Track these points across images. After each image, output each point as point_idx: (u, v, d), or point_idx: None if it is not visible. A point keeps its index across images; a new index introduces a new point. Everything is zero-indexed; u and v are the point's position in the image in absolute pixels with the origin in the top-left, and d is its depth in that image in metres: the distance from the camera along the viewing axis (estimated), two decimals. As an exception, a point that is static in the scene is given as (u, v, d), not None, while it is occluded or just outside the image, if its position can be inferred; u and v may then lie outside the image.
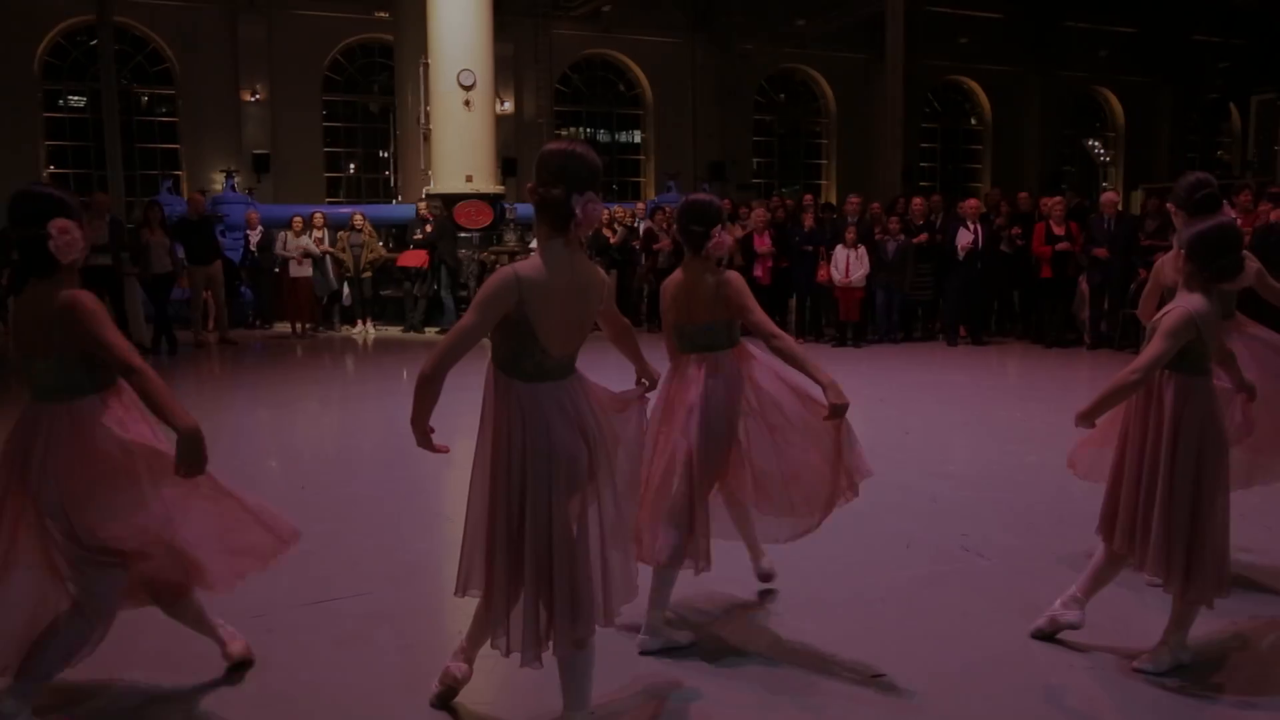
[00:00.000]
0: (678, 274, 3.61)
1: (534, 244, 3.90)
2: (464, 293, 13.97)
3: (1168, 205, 4.35)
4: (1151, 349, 3.31)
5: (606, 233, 14.73)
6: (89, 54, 22.37)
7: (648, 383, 3.24)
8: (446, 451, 2.81)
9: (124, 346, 2.89)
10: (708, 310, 3.52)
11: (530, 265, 2.73)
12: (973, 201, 12.94)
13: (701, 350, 3.55)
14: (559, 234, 2.74)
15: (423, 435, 2.79)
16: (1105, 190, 15.84)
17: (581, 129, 28.05)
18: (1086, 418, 3.42)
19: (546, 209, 2.73)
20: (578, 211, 2.69)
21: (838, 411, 3.38)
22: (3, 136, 21.71)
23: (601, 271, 2.99)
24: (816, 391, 3.43)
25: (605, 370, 3.24)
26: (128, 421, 2.97)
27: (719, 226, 3.50)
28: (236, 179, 19.90)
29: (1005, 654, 3.60)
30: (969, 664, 3.48)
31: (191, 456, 2.87)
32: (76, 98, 23.65)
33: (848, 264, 12.32)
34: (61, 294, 2.86)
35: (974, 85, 31.11)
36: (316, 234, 14.01)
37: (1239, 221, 10.46)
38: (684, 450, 3.47)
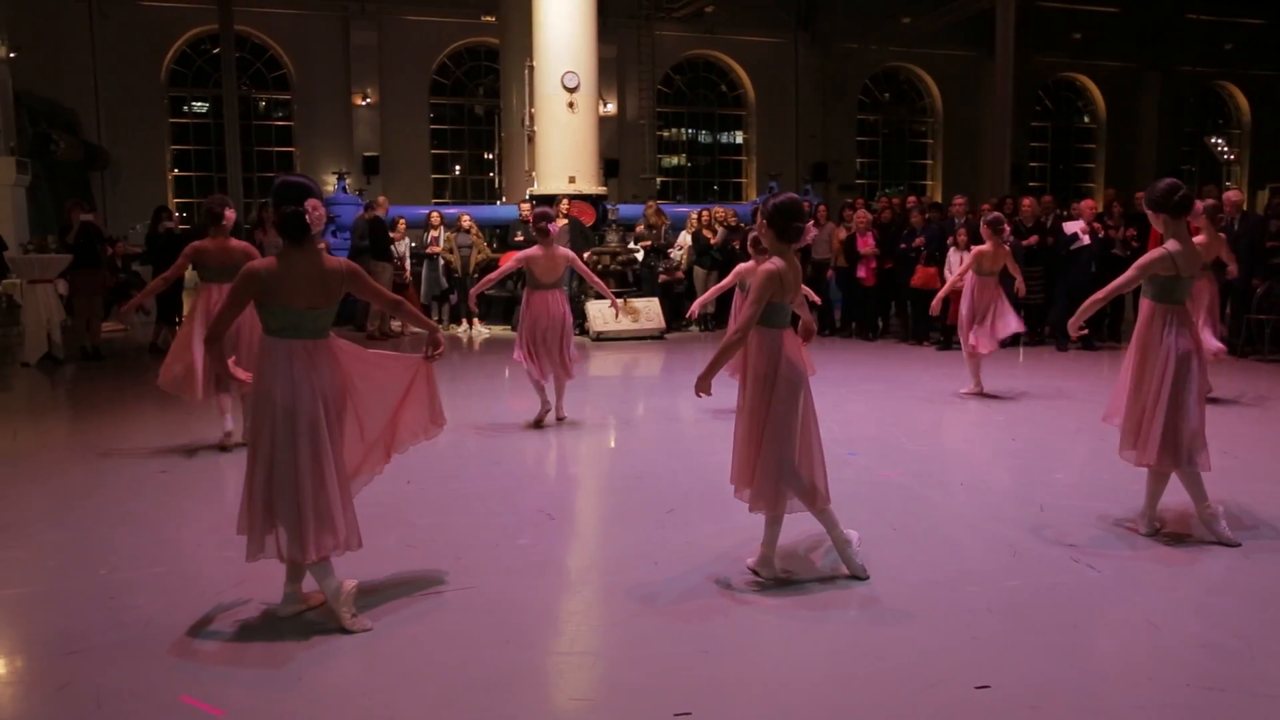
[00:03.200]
0: None
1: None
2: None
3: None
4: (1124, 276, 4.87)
5: (707, 234, 14.69)
6: (212, 62, 23.31)
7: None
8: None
9: (387, 292, 4.34)
10: None
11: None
12: (1089, 202, 12.58)
13: None
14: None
15: None
16: (1228, 189, 15.20)
17: (683, 129, 28.09)
18: (1077, 319, 5.03)
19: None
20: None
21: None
22: (134, 141, 22.83)
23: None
24: None
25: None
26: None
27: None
28: (347, 180, 20.47)
29: (1119, 670, 3.50)
30: (1080, 679, 3.38)
31: (438, 345, 4.20)
32: (199, 104, 24.64)
33: (960, 266, 12.06)
34: (338, 260, 3.89)
35: (1087, 82, 30.19)
36: (433, 233, 14.41)
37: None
38: None
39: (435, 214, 15.02)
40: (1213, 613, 3.92)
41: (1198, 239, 6.90)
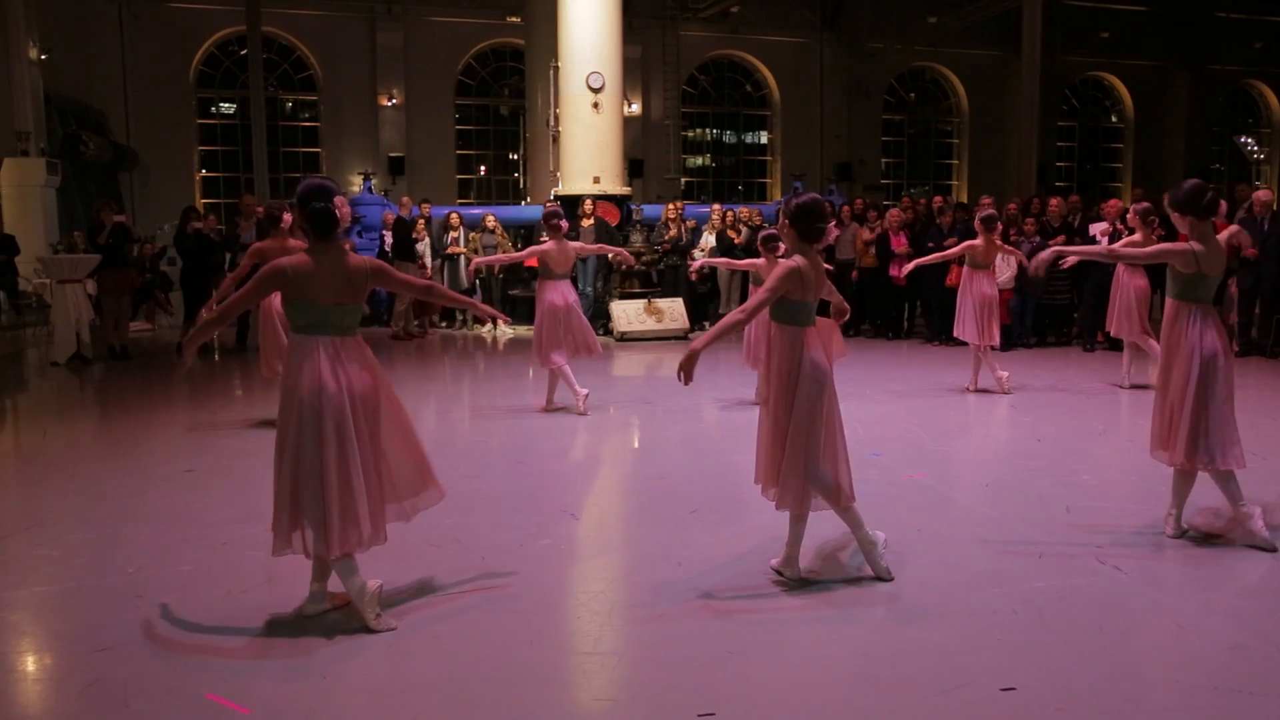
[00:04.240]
0: None
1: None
2: (589, 290, 14.14)
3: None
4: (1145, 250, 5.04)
5: (731, 234, 14.66)
6: (239, 63, 23.50)
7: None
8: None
9: (416, 279, 4.43)
10: None
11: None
12: (1114, 202, 12.49)
13: None
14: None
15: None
16: (1259, 188, 15.00)
17: (708, 130, 28.06)
18: (1051, 254, 5.21)
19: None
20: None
21: None
22: (163, 142, 23.04)
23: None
24: None
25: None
26: None
27: None
28: (373, 181, 20.58)
29: (1146, 673, 3.47)
30: (1106, 681, 3.35)
31: (487, 313, 4.69)
32: (227, 105, 24.83)
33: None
34: (363, 258, 3.98)
35: (1115, 81, 29.90)
36: (453, 234, 14.44)
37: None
38: None
39: (454, 215, 15.06)
40: (1243, 615, 3.88)
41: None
